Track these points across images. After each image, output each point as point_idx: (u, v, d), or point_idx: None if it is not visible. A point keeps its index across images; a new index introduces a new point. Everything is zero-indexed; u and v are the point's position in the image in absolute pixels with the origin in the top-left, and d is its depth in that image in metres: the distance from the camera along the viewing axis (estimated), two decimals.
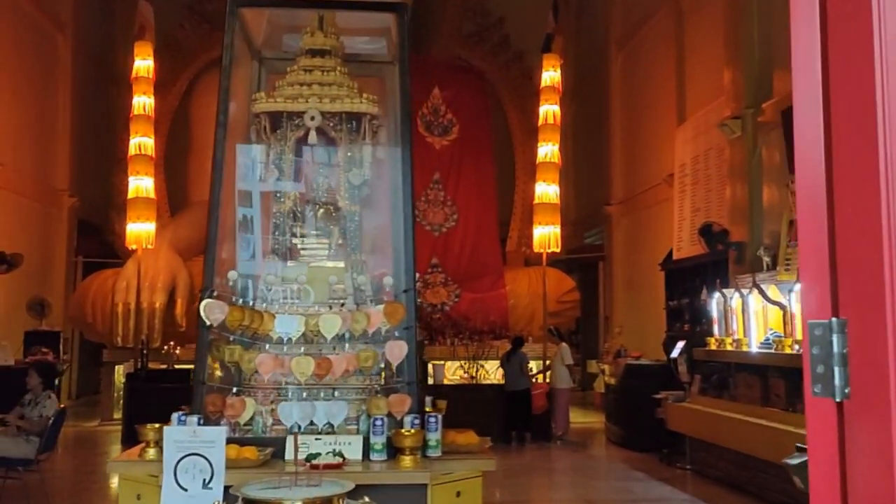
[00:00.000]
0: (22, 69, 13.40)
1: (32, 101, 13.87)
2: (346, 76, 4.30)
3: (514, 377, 11.18)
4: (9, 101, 12.81)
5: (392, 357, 3.83)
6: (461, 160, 14.78)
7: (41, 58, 14.25)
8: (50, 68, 14.59)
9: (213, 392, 3.74)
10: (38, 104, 14.12)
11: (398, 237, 4.07)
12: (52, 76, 14.65)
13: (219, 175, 3.92)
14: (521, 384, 11.17)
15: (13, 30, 13.01)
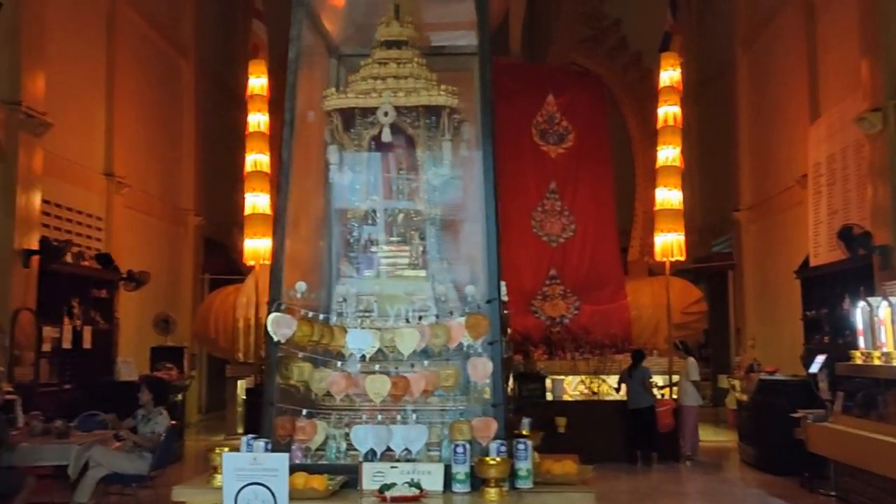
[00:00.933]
0: (149, 95, 14.07)
1: (159, 125, 14.53)
2: (423, 68, 3.95)
3: (637, 394, 10.55)
4: (137, 126, 13.45)
5: (475, 376, 3.42)
6: (578, 168, 14.28)
7: (166, 83, 14.93)
8: (175, 93, 15.27)
9: (283, 414, 3.45)
10: (165, 127, 14.78)
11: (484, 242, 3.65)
12: (176, 100, 15.32)
13: (286, 179, 3.66)
14: (644, 401, 10.54)
15: (141, 59, 13.68)
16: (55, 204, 10.82)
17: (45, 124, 10.01)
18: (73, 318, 10.64)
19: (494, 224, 3.53)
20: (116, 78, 12.59)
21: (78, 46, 11.59)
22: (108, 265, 11.65)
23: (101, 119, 12.36)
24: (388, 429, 3.37)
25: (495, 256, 3.51)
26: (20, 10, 9.68)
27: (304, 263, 3.89)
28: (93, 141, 12.13)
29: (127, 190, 12.72)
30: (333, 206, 4.01)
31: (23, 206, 9.67)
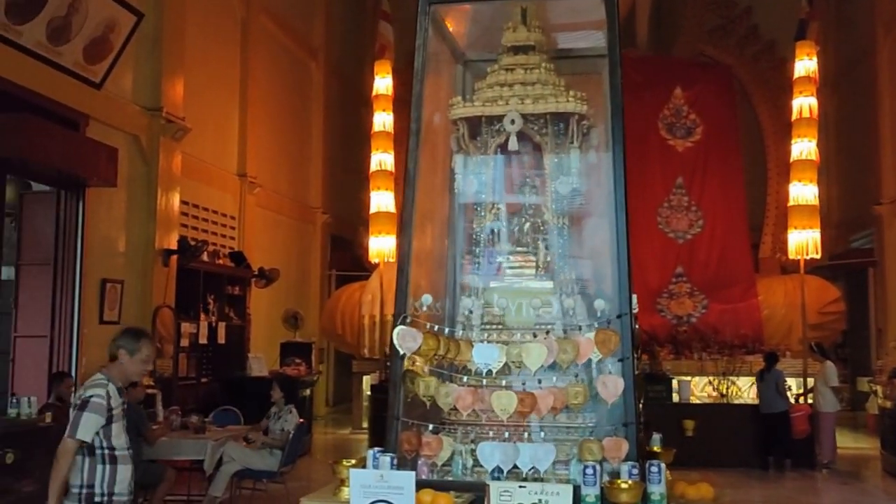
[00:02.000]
0: (280, 97, 14.60)
1: (289, 126, 15.06)
2: (551, 73, 3.83)
3: (770, 398, 10.05)
4: (269, 127, 13.99)
5: (605, 394, 3.29)
6: (706, 162, 13.77)
7: (297, 85, 15.45)
8: (304, 94, 15.78)
9: (409, 429, 3.45)
10: (294, 128, 15.31)
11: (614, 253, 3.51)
12: (305, 101, 15.83)
13: (412, 189, 3.64)
14: (777, 406, 10.03)
15: (273, 62, 14.21)
16: (192, 204, 11.41)
17: (183, 129, 10.56)
18: (209, 314, 11.19)
19: (625, 236, 3.39)
20: (250, 82, 13.12)
21: (214, 53, 12.15)
22: (240, 263, 12.18)
23: (235, 122, 12.92)
24: (515, 446, 3.30)
25: (626, 269, 3.36)
26: (162, 21, 10.24)
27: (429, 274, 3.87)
28: (227, 143, 12.71)
29: (258, 190, 13.25)
30: (458, 214, 3.97)
31: (163, 207, 10.24)
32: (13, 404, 6.25)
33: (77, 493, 3.68)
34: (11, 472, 5.85)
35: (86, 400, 3.72)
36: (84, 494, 3.68)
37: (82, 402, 3.72)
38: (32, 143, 7.64)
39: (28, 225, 8.83)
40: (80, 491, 3.68)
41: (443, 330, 3.50)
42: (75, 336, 8.73)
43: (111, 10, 8.80)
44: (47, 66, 8.21)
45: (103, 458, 3.73)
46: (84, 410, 3.68)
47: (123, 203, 9.76)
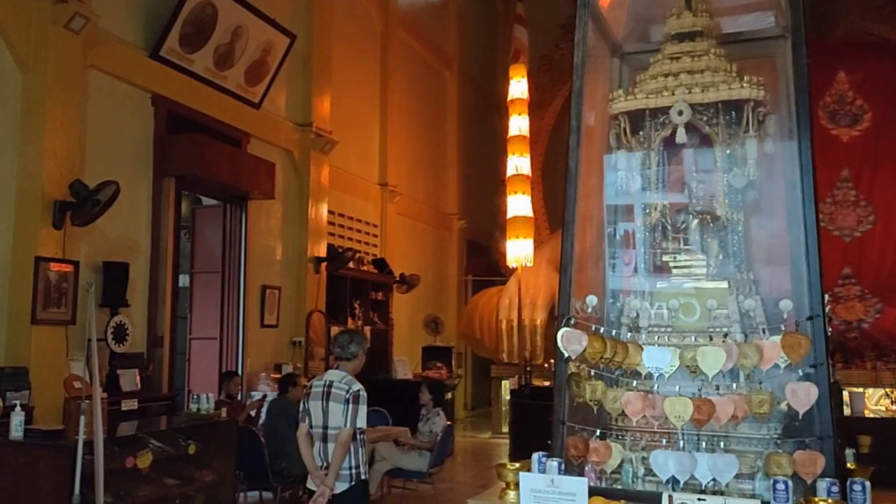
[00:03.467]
0: (417, 107, 14.85)
1: (426, 135, 15.28)
2: (721, 59, 3.57)
3: None
4: (407, 137, 14.26)
5: (796, 403, 3.00)
6: (876, 152, 12.56)
7: (432, 94, 15.67)
8: (440, 103, 15.97)
9: (575, 434, 3.30)
10: (431, 137, 15.52)
11: (797, 249, 3.21)
12: (441, 110, 16.02)
13: (573, 188, 3.50)
14: None
15: (410, 74, 14.49)
16: (339, 214, 11.79)
17: (331, 142, 10.97)
18: (355, 319, 11.52)
19: (815, 231, 3.09)
20: (389, 94, 13.44)
21: (356, 68, 12.53)
22: (383, 269, 12.46)
23: (376, 133, 13.26)
24: (692, 456, 3.08)
25: (817, 267, 3.07)
26: (311, 41, 10.71)
27: (588, 275, 3.71)
28: (369, 154, 13.06)
29: (398, 198, 13.52)
30: (621, 213, 3.78)
31: (313, 217, 10.67)
32: (194, 400, 6.68)
33: (347, 473, 4.37)
34: (194, 462, 6.27)
35: (357, 394, 4.38)
36: (353, 473, 4.40)
37: (354, 396, 4.36)
38: (204, 161, 8.26)
39: (199, 236, 9.60)
40: (350, 471, 4.38)
41: (609, 332, 3.33)
42: (241, 338, 9.32)
43: (268, 33, 9.31)
44: (214, 89, 8.78)
45: (361, 441, 4.44)
46: (359, 403, 4.36)
47: (279, 214, 10.27)
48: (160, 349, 8.04)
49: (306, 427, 4.48)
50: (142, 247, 7.89)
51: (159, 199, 8.12)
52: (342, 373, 4.47)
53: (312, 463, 4.42)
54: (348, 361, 4.53)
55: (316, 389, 4.49)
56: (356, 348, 4.55)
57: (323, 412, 4.41)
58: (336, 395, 4.38)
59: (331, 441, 4.36)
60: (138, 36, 7.90)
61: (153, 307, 7.97)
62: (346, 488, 4.35)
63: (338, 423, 4.34)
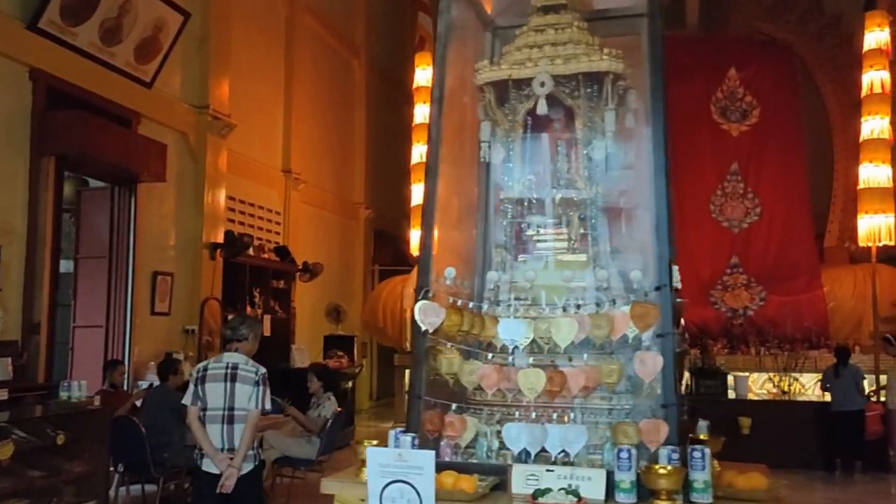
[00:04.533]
0: (323, 94, 14.59)
1: (332, 123, 15.04)
2: (584, 32, 3.58)
3: (845, 395, 9.43)
4: (312, 124, 13.99)
5: (643, 372, 3.02)
6: (763, 146, 13.09)
7: (339, 82, 15.43)
8: (347, 90, 15.75)
9: (432, 408, 3.24)
10: (337, 124, 15.28)
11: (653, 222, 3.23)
12: (348, 97, 15.80)
13: (434, 159, 3.43)
14: (854, 403, 9.39)
15: (316, 60, 14.21)
16: (239, 200, 11.46)
17: (229, 126, 10.63)
18: (255, 307, 11.23)
19: (665, 202, 3.11)
20: (294, 80, 13.14)
21: (259, 52, 12.19)
22: (285, 257, 12.20)
23: (280, 119, 12.96)
24: (543, 428, 3.06)
25: (666, 238, 3.09)
26: (208, 20, 10.34)
27: (456, 249, 3.66)
28: (272, 140, 12.74)
29: (302, 185, 13.25)
30: (486, 187, 3.74)
31: (210, 202, 10.33)
32: (64, 388, 6.34)
33: (252, 454, 4.43)
34: (63, 453, 5.95)
35: (265, 376, 4.42)
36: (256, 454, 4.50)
37: (263, 378, 4.41)
38: (89, 141, 7.86)
39: (86, 220, 9.14)
40: (254, 452, 4.46)
41: (467, 305, 3.28)
42: (128, 326, 8.95)
43: (159, 10, 8.93)
44: (101, 66, 8.37)
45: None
46: (266, 385, 4.41)
47: (173, 198, 9.90)
48: (36, 337, 7.62)
49: (197, 410, 4.42)
50: (17, 229, 7.45)
51: (37, 179, 7.67)
52: (243, 356, 4.47)
53: (212, 446, 4.36)
54: (240, 343, 4.54)
55: (214, 371, 4.44)
56: (247, 331, 4.57)
57: (226, 394, 4.37)
58: (244, 376, 4.39)
59: (238, 422, 4.35)
60: (14, 5, 7.44)
61: (29, 293, 7.54)
62: (251, 468, 4.41)
63: (244, 405, 4.35)
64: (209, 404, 4.39)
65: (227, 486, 4.25)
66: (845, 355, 9.68)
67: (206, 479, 4.36)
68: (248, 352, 4.55)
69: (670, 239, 3.08)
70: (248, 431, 4.32)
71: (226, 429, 4.36)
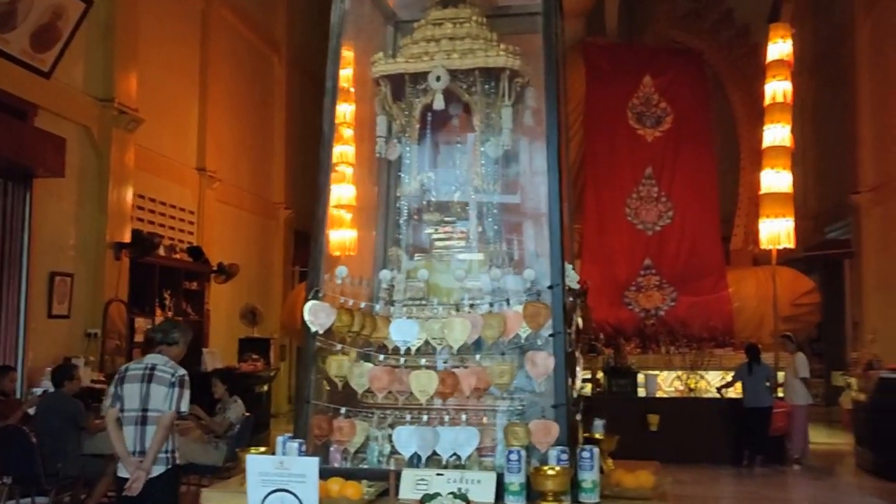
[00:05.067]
0: (241, 91, 14.22)
1: (251, 120, 14.67)
2: (483, 27, 3.52)
3: (757, 392, 9.74)
4: (229, 121, 13.61)
5: (534, 372, 2.98)
6: (676, 152, 13.50)
7: (259, 78, 15.06)
8: (267, 87, 15.39)
9: (321, 413, 3.13)
10: (256, 122, 14.92)
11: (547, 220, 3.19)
12: (268, 95, 15.44)
13: (326, 154, 3.32)
14: (764, 400, 9.72)
15: (234, 55, 13.82)
16: (149, 198, 11.04)
17: (137, 120, 10.20)
18: (165, 310, 10.83)
19: (558, 201, 3.09)
20: (209, 75, 12.75)
21: (171, 45, 11.78)
22: (198, 258, 11.82)
23: (194, 115, 12.55)
24: (434, 431, 2.99)
25: (558, 237, 3.06)
26: (114, 9, 9.89)
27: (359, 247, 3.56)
28: (186, 136, 12.34)
29: (218, 184, 12.88)
30: (387, 184, 3.65)
31: (115, 200, 9.89)
32: None
33: (165, 456, 4.30)
34: None
35: (182, 378, 4.36)
36: (170, 457, 4.35)
37: (180, 379, 4.34)
38: None
39: None
40: (167, 455, 4.32)
41: (358, 305, 3.18)
42: (21, 330, 8.47)
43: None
44: None
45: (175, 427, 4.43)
46: (184, 387, 4.34)
47: (74, 195, 9.46)
48: None
49: (116, 412, 4.35)
50: None
51: None
52: (165, 357, 4.43)
53: (125, 449, 4.28)
54: (169, 347, 4.51)
55: (133, 372, 4.38)
56: (178, 335, 4.58)
57: (141, 395, 4.30)
58: (160, 377, 4.33)
59: (150, 424, 4.28)
60: None
61: None
62: (163, 471, 4.31)
63: (159, 406, 4.28)
64: (126, 405, 4.31)
65: (133, 488, 4.15)
66: (756, 354, 10.01)
67: (119, 483, 4.29)
68: (175, 356, 4.51)
69: (562, 238, 3.06)
70: (158, 433, 4.24)
71: (139, 430, 4.29)
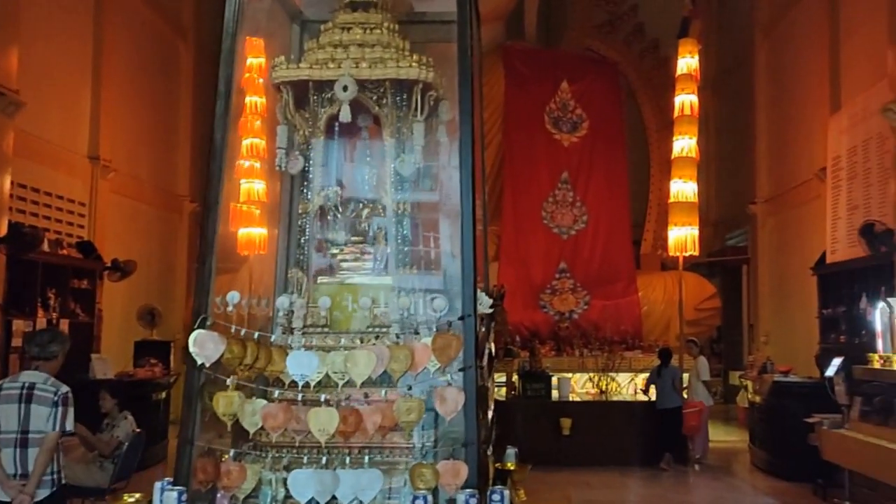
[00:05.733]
0: (143, 77, 13.42)
1: (154, 108, 13.89)
2: (395, 35, 3.28)
3: (667, 394, 9.93)
4: (129, 108, 12.81)
5: (443, 409, 2.78)
6: (591, 157, 13.72)
7: (163, 65, 14.29)
8: (172, 75, 14.63)
9: (207, 455, 2.83)
10: (160, 111, 14.14)
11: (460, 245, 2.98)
12: (174, 83, 14.68)
13: (218, 165, 3.02)
14: (672, 401, 9.91)
15: (134, 39, 13.02)
16: (31, 188, 10.21)
17: (17, 103, 9.38)
18: (49, 310, 10.04)
19: (471, 224, 2.88)
20: (105, 57, 11.93)
21: (60, 23, 10.93)
22: (90, 254, 11.05)
23: (87, 100, 11.72)
24: (334, 474, 2.74)
25: (471, 263, 2.85)
26: None
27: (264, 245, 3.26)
28: (76, 123, 11.51)
29: (114, 174, 12.09)
30: (285, 199, 3.36)
31: None
32: None
33: (49, 478, 4.14)
34: None
35: (66, 396, 4.17)
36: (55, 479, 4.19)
37: (63, 398, 4.15)
38: None
39: None
40: (52, 477, 4.16)
41: (252, 335, 2.90)
42: None
43: None
44: None
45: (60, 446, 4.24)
46: (68, 406, 4.16)
47: None
48: None
49: None
50: None
51: None
52: (44, 374, 4.21)
53: (4, 473, 4.08)
54: (47, 362, 4.28)
55: (8, 392, 4.17)
56: (57, 348, 4.33)
57: (20, 417, 4.12)
58: (41, 397, 4.14)
59: (32, 446, 4.11)
60: None
61: None
62: (48, 494, 4.15)
63: (41, 427, 4.11)
64: (2, 427, 4.11)
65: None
66: (667, 357, 10.20)
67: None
68: (53, 370, 4.29)
69: (475, 265, 2.86)
70: (42, 455, 4.08)
71: (19, 453, 4.11)
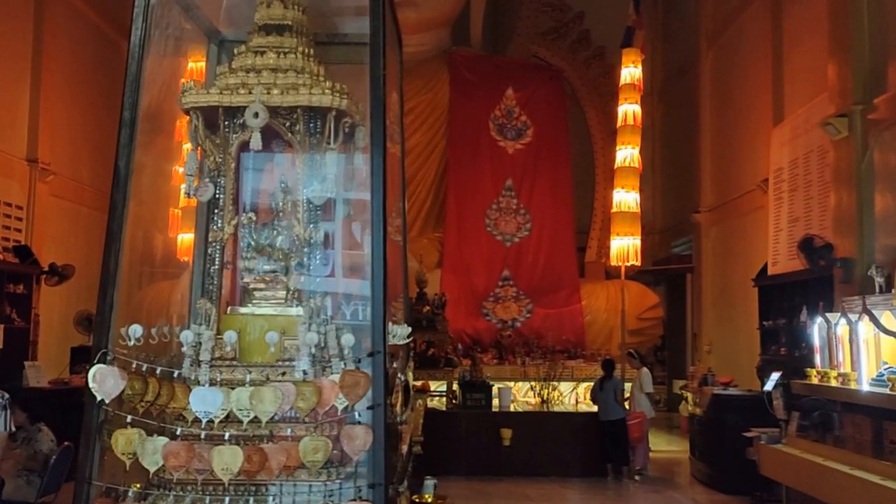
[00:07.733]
0: (84, 77, 13.06)
1: (95, 110, 13.50)
2: (309, 60, 3.22)
3: (609, 405, 9.97)
4: (69, 110, 12.47)
5: (351, 448, 2.73)
6: (536, 165, 13.71)
7: (106, 66, 13.87)
8: (114, 76, 14.19)
9: (103, 495, 2.74)
10: (102, 113, 13.70)
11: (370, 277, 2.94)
12: (117, 84, 14.24)
13: (121, 192, 2.92)
14: (616, 413, 9.96)
15: (75, 38, 12.67)
16: None
17: None
18: None
19: (381, 256, 2.84)
20: (44, 58, 11.62)
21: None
22: (26, 258, 10.75)
23: (25, 101, 11.40)
24: None
25: (381, 297, 2.81)
26: None
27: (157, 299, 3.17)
28: (13, 124, 11.17)
29: (53, 177, 11.78)
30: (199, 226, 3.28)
31: None
32: None
33: None
34: None
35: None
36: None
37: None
38: None
39: None
40: None
41: (154, 370, 2.81)
42: None
43: None
44: None
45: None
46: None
47: None
48: None
49: None
50: None
51: None
52: None
53: None
54: None
55: None
56: None
57: None
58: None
59: None
60: None
61: None
62: None
63: None
64: None
65: None
66: (610, 368, 10.23)
67: None
68: None
69: (385, 300, 2.81)
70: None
71: None
